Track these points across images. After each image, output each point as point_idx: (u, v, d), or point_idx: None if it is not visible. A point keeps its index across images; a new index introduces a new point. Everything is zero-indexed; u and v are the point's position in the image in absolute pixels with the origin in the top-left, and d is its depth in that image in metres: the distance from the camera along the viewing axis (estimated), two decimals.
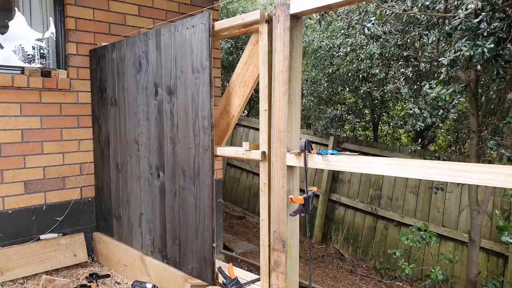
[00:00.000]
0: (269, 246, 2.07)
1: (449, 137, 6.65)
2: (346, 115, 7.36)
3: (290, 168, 1.92)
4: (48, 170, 3.17)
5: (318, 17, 4.59)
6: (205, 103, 2.20)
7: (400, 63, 5.09)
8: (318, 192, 6.04)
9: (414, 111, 3.71)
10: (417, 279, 4.90)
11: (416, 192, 5.24)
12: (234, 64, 7.07)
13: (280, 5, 1.85)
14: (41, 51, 3.30)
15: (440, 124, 4.78)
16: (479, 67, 3.08)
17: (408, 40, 4.28)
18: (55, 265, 3.09)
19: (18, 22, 3.19)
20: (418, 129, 4.37)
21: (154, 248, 2.71)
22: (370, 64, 5.23)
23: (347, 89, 6.36)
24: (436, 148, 7.45)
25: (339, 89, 6.47)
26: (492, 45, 2.72)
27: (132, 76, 2.77)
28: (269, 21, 1.95)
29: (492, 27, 2.84)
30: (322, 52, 6.00)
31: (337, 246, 5.91)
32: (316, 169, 6.09)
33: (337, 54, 5.68)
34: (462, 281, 4.51)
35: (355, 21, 4.65)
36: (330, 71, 6.08)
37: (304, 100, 6.82)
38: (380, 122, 7.61)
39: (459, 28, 2.97)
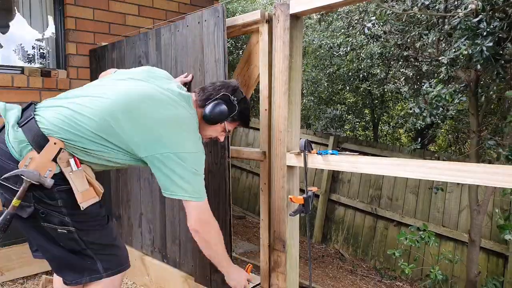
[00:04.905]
0: (269, 246, 2.06)
1: (449, 137, 6.65)
2: (346, 115, 7.36)
3: (290, 168, 1.92)
4: None
5: (318, 16, 4.59)
6: None
7: (400, 63, 5.09)
8: (318, 192, 6.04)
9: (414, 110, 3.71)
10: (417, 279, 4.90)
11: (416, 192, 5.24)
12: (234, 64, 7.07)
13: (280, 5, 1.85)
14: (41, 51, 3.30)
15: (440, 123, 4.79)
16: (479, 66, 3.08)
17: (408, 40, 4.28)
18: None
19: (17, 22, 3.19)
20: (419, 128, 4.38)
21: (154, 248, 2.71)
22: (370, 64, 5.23)
23: (347, 88, 6.35)
24: (436, 148, 7.45)
25: (339, 89, 6.47)
26: (491, 44, 2.72)
27: None
28: (269, 21, 1.94)
29: (492, 26, 2.84)
30: (323, 52, 6.00)
31: (337, 246, 5.91)
32: (316, 169, 6.10)
33: (337, 54, 5.68)
34: (462, 281, 4.52)
35: (355, 21, 4.65)
36: (331, 70, 6.08)
37: (304, 100, 6.82)
38: (380, 122, 7.62)
39: (458, 27, 2.97)
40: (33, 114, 1.52)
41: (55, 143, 1.45)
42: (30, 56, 3.26)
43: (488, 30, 2.81)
